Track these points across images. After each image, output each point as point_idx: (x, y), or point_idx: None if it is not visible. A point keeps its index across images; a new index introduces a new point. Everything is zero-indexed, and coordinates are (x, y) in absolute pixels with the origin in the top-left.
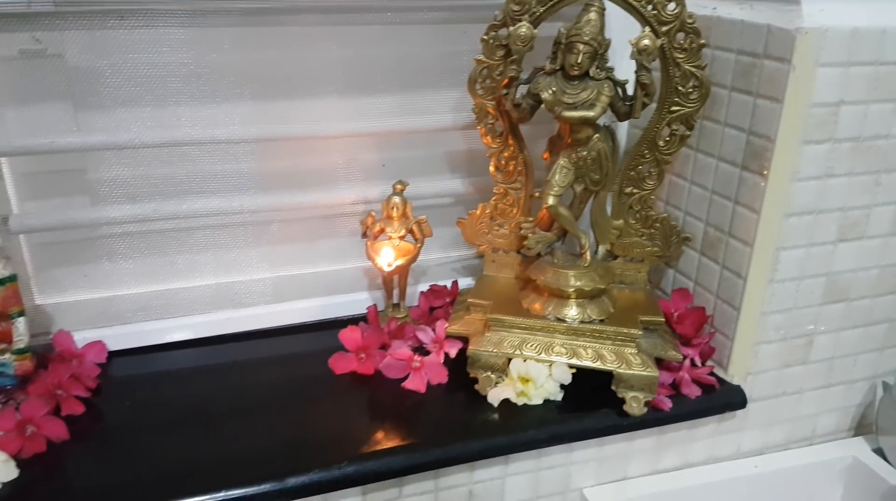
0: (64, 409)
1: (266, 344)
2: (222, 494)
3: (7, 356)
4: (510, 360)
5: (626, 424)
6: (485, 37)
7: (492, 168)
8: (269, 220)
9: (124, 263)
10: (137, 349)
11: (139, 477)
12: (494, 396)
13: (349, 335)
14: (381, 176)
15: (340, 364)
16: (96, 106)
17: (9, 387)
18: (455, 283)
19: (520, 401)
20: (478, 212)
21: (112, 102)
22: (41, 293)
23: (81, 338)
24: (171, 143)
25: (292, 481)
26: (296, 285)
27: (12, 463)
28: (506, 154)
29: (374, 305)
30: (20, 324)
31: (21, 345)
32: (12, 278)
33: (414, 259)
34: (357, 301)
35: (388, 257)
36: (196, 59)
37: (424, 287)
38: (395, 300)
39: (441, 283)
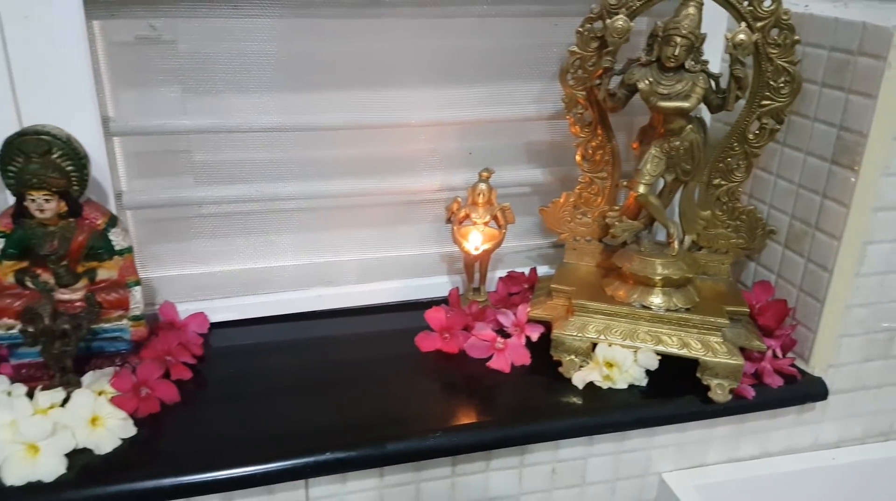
0: (173, 374)
1: (352, 322)
2: (326, 456)
3: (124, 322)
4: (594, 345)
5: (709, 410)
6: (580, 29)
7: (578, 157)
8: (358, 204)
9: (223, 240)
10: (234, 321)
11: (246, 439)
12: (579, 378)
13: (434, 316)
14: (464, 164)
15: (426, 343)
16: (204, 91)
17: (124, 351)
18: (533, 270)
19: (605, 385)
20: (561, 200)
21: (219, 88)
22: (143, 267)
23: (182, 310)
24: (271, 128)
25: (391, 447)
26: (379, 267)
27: (130, 422)
28: (593, 143)
29: (457, 288)
30: (136, 292)
31: (137, 312)
32: (129, 250)
33: (498, 245)
34: (435, 285)
35: (475, 240)
36: (296, 48)
37: (501, 274)
38: (476, 285)
39: (518, 270)
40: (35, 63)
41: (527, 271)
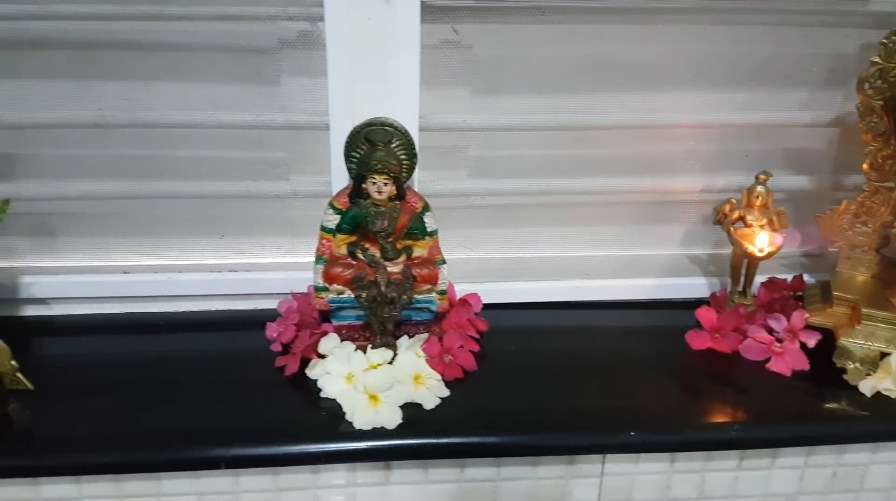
0: (465, 345)
1: (607, 315)
2: (623, 436)
3: (433, 295)
4: (882, 354)
5: None
6: (884, 40)
7: (866, 166)
8: (618, 201)
9: (492, 230)
10: (498, 304)
11: (542, 410)
12: (867, 386)
13: (706, 315)
14: (726, 167)
15: (697, 341)
16: (488, 92)
17: (427, 321)
18: (798, 277)
19: (892, 393)
20: (841, 208)
21: (503, 89)
22: None
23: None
24: (551, 127)
25: (687, 435)
26: (635, 264)
27: (443, 383)
28: (884, 153)
29: (724, 289)
30: (444, 270)
31: (443, 287)
32: (436, 232)
33: (780, 248)
34: (688, 285)
35: (763, 242)
36: (579, 52)
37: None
38: (740, 288)
39: (780, 276)
40: (373, 60)
41: (784, 277)
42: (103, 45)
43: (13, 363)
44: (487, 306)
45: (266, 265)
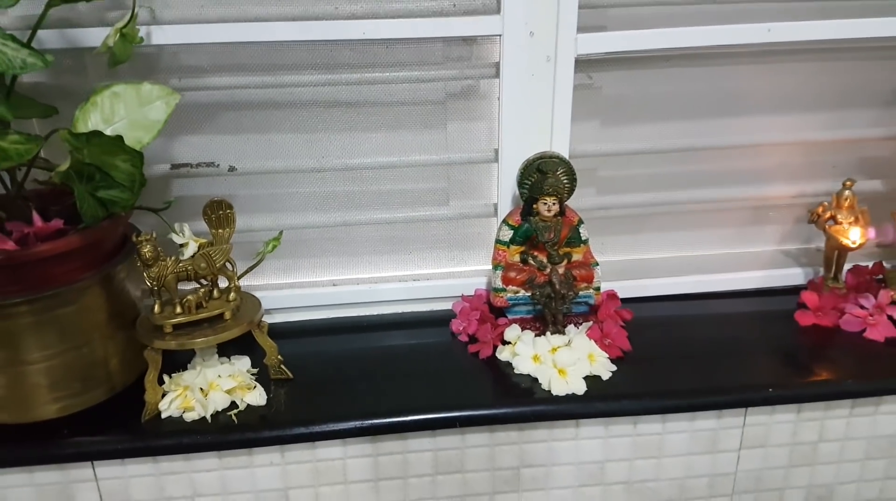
0: (618, 331)
1: (723, 303)
2: (766, 393)
3: (591, 291)
4: None
5: None
6: None
7: None
8: (727, 208)
9: (629, 236)
10: (632, 298)
11: (684, 377)
12: None
13: (810, 297)
14: (815, 176)
15: (804, 318)
16: (615, 123)
17: (585, 313)
18: (879, 263)
19: None
20: None
21: (627, 120)
22: None
23: None
24: (669, 150)
25: (804, 392)
26: (743, 260)
27: (609, 361)
28: None
29: (822, 276)
30: (598, 270)
31: (598, 285)
32: (588, 240)
33: (864, 242)
34: (785, 275)
35: (855, 236)
36: (691, 88)
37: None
38: (832, 274)
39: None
40: (538, 106)
41: (865, 264)
42: (322, 105)
43: (279, 357)
44: (623, 301)
45: (439, 275)
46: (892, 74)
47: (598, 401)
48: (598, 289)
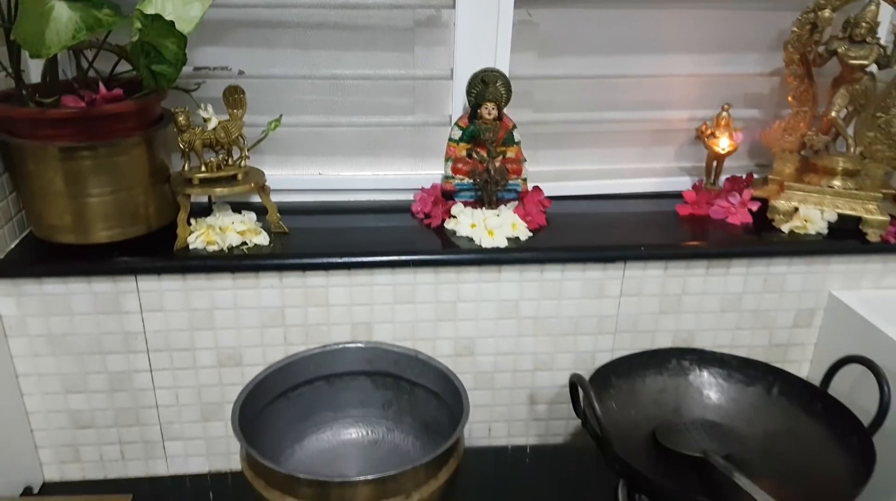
0: (538, 211)
1: (628, 203)
2: (639, 251)
3: (520, 181)
4: (796, 209)
5: (865, 248)
6: (799, 17)
7: (790, 98)
8: (637, 129)
9: (551, 150)
10: (556, 196)
11: (583, 241)
12: (786, 227)
13: (689, 195)
14: (707, 105)
15: (683, 209)
16: (549, 54)
17: (513, 199)
18: (750, 174)
19: (801, 231)
20: (776, 125)
21: (557, 51)
22: None
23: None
24: (596, 76)
25: (669, 251)
26: (646, 171)
27: (528, 229)
28: (801, 89)
29: (701, 180)
30: (525, 166)
31: (525, 177)
32: (520, 142)
33: (735, 149)
34: (677, 182)
35: (724, 144)
36: (611, 31)
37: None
38: (712, 180)
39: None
40: (485, 34)
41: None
42: (315, 26)
43: (278, 214)
44: (548, 198)
45: (404, 174)
46: (773, 23)
47: (515, 252)
48: (525, 180)
